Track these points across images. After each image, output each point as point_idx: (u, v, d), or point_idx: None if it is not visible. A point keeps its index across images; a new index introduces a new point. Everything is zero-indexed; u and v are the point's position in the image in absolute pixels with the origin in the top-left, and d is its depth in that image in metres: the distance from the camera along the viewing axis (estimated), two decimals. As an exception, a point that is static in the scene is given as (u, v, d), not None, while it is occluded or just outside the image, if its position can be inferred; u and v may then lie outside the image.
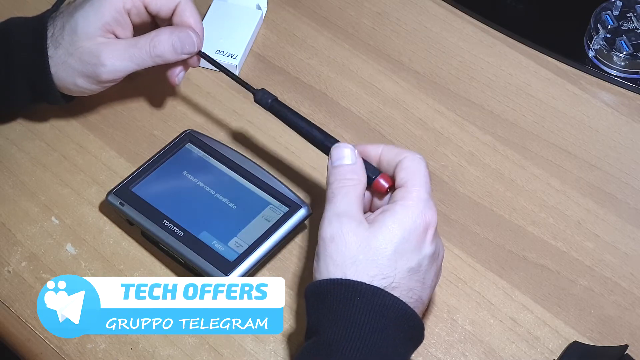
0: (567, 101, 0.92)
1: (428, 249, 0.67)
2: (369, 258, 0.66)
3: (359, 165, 0.70)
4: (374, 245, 0.66)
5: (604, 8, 0.94)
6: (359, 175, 0.70)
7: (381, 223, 0.67)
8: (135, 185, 0.82)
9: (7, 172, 0.86)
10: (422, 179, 0.68)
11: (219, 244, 0.78)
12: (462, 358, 0.76)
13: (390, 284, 0.66)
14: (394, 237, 0.66)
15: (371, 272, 0.66)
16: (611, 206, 0.84)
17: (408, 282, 0.66)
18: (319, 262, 0.67)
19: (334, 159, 0.71)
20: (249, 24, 0.96)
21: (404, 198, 0.67)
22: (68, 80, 0.82)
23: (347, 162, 0.70)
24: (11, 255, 0.81)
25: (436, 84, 0.93)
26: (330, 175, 0.70)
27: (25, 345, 0.77)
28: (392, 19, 0.99)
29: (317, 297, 0.67)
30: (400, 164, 0.69)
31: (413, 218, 0.67)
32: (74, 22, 0.81)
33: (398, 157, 0.70)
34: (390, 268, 0.66)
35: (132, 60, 0.82)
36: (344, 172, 0.70)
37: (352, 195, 0.69)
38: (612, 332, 0.77)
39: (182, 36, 0.82)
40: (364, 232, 0.67)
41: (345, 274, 0.66)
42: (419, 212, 0.67)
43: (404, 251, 0.66)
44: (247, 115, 0.90)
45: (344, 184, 0.69)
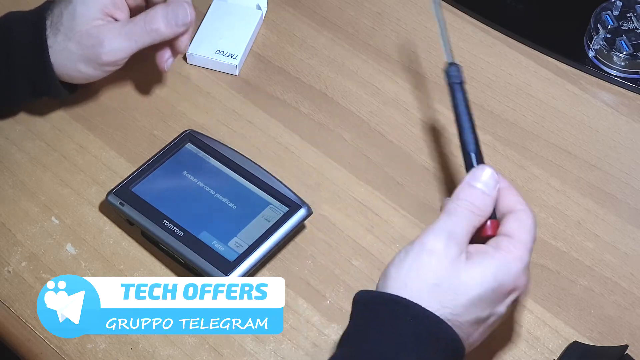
0: (567, 101, 0.92)
1: (502, 309, 0.66)
2: (450, 289, 0.64)
3: (492, 199, 0.68)
4: (461, 280, 0.64)
5: (604, 8, 0.94)
6: (487, 210, 0.68)
7: (478, 262, 0.65)
8: (135, 185, 0.82)
9: (7, 172, 0.86)
10: (531, 241, 0.67)
11: (219, 244, 0.78)
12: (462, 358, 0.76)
13: (454, 321, 0.64)
14: (484, 282, 0.64)
15: (443, 303, 0.64)
16: (611, 206, 0.84)
17: (469, 328, 0.65)
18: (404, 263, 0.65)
19: (476, 179, 0.68)
20: (249, 24, 0.96)
21: (508, 250, 0.66)
22: (69, 67, 0.82)
23: (485, 190, 0.68)
24: (11, 255, 0.81)
25: (436, 84, 0.93)
26: (462, 191, 0.68)
27: (25, 345, 0.77)
28: (392, 19, 0.99)
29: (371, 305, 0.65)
30: (515, 214, 0.68)
31: (508, 274, 0.65)
32: (72, 7, 0.82)
33: (516, 205, 0.68)
34: (464, 309, 0.64)
35: (129, 38, 0.82)
36: (478, 198, 0.68)
37: (471, 223, 0.67)
38: (612, 332, 0.77)
39: (175, 8, 0.84)
40: (460, 263, 0.65)
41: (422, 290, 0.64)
42: (517, 271, 0.66)
43: (483, 300, 0.65)
44: (247, 115, 0.90)
45: (471, 210, 0.67)
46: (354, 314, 0.66)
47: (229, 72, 0.93)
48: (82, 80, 0.85)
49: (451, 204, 0.67)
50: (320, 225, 0.83)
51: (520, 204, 0.69)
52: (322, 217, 0.83)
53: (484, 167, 0.69)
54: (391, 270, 0.66)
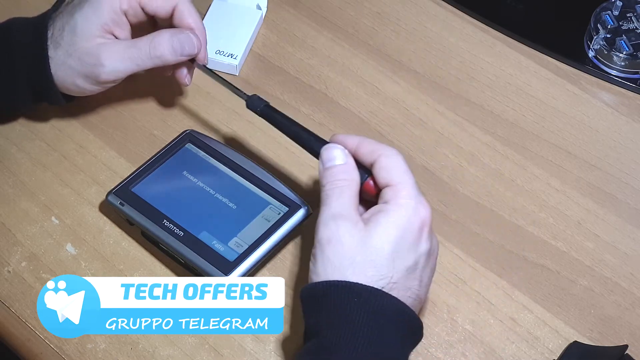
0: (567, 101, 0.92)
1: (424, 247, 0.68)
2: (366, 259, 0.66)
3: (350, 164, 0.70)
4: (371, 246, 0.66)
5: (604, 8, 0.94)
6: (352, 175, 0.70)
7: (376, 223, 0.67)
8: (135, 185, 0.82)
9: (7, 172, 0.86)
10: (405, 174, 0.68)
11: (219, 244, 0.78)
12: (462, 358, 0.76)
13: (388, 284, 0.66)
14: (390, 237, 0.66)
15: (369, 273, 0.65)
16: (611, 206, 0.84)
17: (405, 281, 0.66)
18: (316, 264, 0.67)
19: (325, 161, 0.71)
20: (249, 24, 0.96)
21: (395, 197, 0.67)
22: (68, 81, 0.82)
23: (339, 162, 0.70)
24: (11, 255, 0.81)
25: (436, 84, 0.93)
26: (323, 178, 0.70)
27: (25, 345, 0.77)
28: (392, 19, 0.99)
29: (315, 299, 0.67)
30: (378, 163, 0.69)
31: (407, 217, 0.67)
32: (73, 22, 0.81)
33: (374, 153, 0.69)
34: (388, 268, 0.66)
35: (131, 61, 0.82)
36: (336, 172, 0.70)
37: (346, 195, 0.68)
38: (612, 332, 0.77)
39: (182, 38, 0.83)
40: (360, 232, 0.66)
41: (344, 275, 0.65)
42: (412, 210, 0.67)
43: (400, 250, 0.66)
44: (247, 115, 0.90)
45: (337, 185, 0.69)
46: (304, 309, 0.68)
47: (229, 72, 0.93)
48: (79, 94, 0.84)
49: (321, 193, 0.70)
50: (320, 225, 0.83)
51: (377, 150, 0.70)
52: (322, 217, 0.83)
53: (327, 146, 0.71)
54: (311, 277, 0.68)
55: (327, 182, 0.69)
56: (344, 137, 0.71)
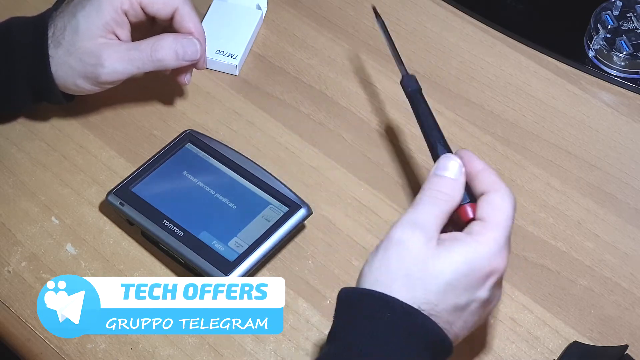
0: (567, 101, 0.92)
1: (483, 294, 0.65)
2: (421, 278, 0.63)
3: (459, 183, 0.67)
4: (432, 268, 0.64)
5: (604, 8, 0.94)
6: (455, 193, 0.67)
7: (448, 248, 0.64)
8: (135, 185, 0.82)
9: (7, 172, 0.86)
10: (506, 222, 0.66)
11: (219, 244, 0.78)
12: (462, 358, 0.76)
13: (430, 310, 0.64)
14: (453, 267, 0.64)
15: (417, 293, 0.63)
16: (611, 206, 0.84)
17: (449, 316, 0.64)
18: (375, 258, 0.65)
19: (438, 167, 0.68)
20: (249, 24, 0.96)
21: (480, 234, 0.65)
22: (68, 80, 0.82)
23: (450, 175, 0.67)
24: (11, 255, 0.81)
25: (436, 84, 0.93)
26: (427, 182, 0.67)
27: (25, 345, 0.77)
28: (392, 19, 0.99)
29: (349, 303, 0.65)
30: (489, 196, 0.67)
31: (481, 258, 0.64)
32: (75, 21, 0.81)
33: (491, 186, 0.67)
34: (437, 296, 0.63)
35: (132, 63, 0.82)
36: (442, 184, 0.67)
37: (438, 210, 0.66)
38: (612, 332, 0.77)
39: (185, 43, 0.83)
40: (429, 250, 0.64)
41: (393, 282, 0.64)
42: (490, 254, 0.64)
43: (458, 286, 0.64)
44: (247, 115, 0.90)
45: (436, 196, 0.66)
46: (337, 311, 0.66)
47: (229, 72, 0.93)
48: (78, 93, 0.84)
49: (418, 194, 0.67)
50: (320, 225, 0.83)
51: (494, 184, 0.67)
52: (322, 217, 0.83)
53: (447, 155, 0.69)
54: (364, 268, 0.66)
55: (428, 188, 0.67)
56: (470, 156, 0.69)
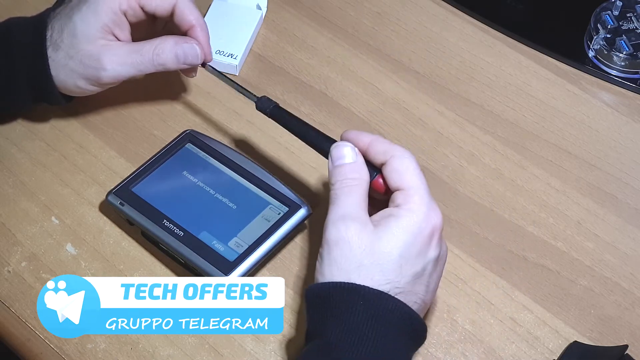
0: (567, 101, 0.92)
1: (433, 253, 0.67)
2: (373, 262, 0.65)
3: (360, 163, 0.69)
4: (379, 250, 0.65)
5: (604, 8, 0.94)
6: (361, 174, 0.69)
7: (386, 227, 0.66)
8: (135, 185, 0.82)
9: (7, 172, 0.86)
10: (418, 179, 0.67)
11: (219, 244, 0.78)
12: (462, 358, 0.76)
13: (394, 289, 0.65)
14: (399, 241, 0.65)
15: (376, 277, 0.65)
16: (611, 206, 0.84)
17: (412, 286, 0.66)
18: (323, 264, 0.67)
19: (335, 159, 0.70)
20: (249, 24, 0.96)
21: (406, 202, 0.66)
22: (69, 82, 0.82)
23: (348, 160, 0.69)
24: (11, 255, 0.81)
25: (436, 84, 0.93)
26: (332, 176, 0.69)
27: (25, 345, 0.77)
28: (392, 19, 0.99)
29: (320, 299, 0.66)
30: (390, 165, 0.68)
31: (418, 223, 0.66)
32: (72, 24, 0.81)
33: (386, 154, 0.69)
34: (395, 273, 0.65)
35: (133, 66, 0.82)
36: (346, 171, 0.69)
37: (355, 195, 0.68)
38: (612, 332, 0.77)
39: (186, 47, 0.83)
40: (369, 235, 0.66)
41: (350, 278, 0.65)
42: (424, 216, 0.66)
43: (409, 256, 0.66)
44: (247, 115, 0.90)
45: (347, 184, 0.68)
46: (308, 309, 0.67)
47: (229, 72, 0.93)
48: (79, 94, 0.84)
49: (330, 192, 0.69)
50: (320, 225, 0.83)
51: (389, 151, 0.69)
52: (322, 217, 0.83)
53: (336, 144, 0.70)
54: (317, 277, 0.67)
55: (336, 181, 0.69)
56: (356, 134, 0.71)
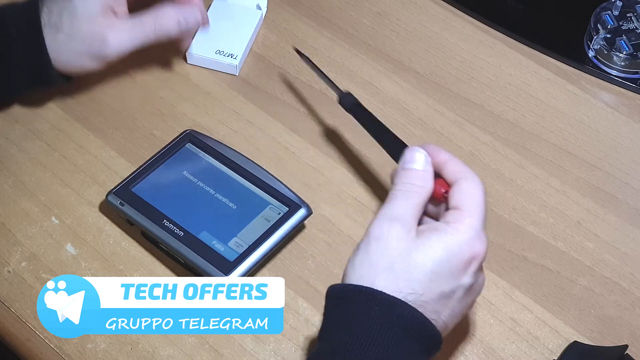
0: (567, 101, 0.92)
1: (467, 280, 0.66)
2: (404, 269, 0.64)
3: (428, 172, 0.68)
4: (413, 258, 0.64)
5: (604, 8, 0.94)
6: (426, 183, 0.68)
7: (427, 239, 0.65)
8: (135, 185, 0.82)
9: (7, 172, 0.86)
10: (479, 207, 0.66)
11: (219, 244, 0.78)
12: (462, 358, 0.76)
13: (416, 300, 0.64)
14: (435, 256, 0.64)
15: (401, 284, 0.64)
16: (611, 206, 0.84)
17: (435, 304, 0.65)
18: (357, 257, 0.66)
19: (405, 161, 0.69)
20: (249, 24, 0.96)
21: (457, 221, 0.66)
22: (72, 63, 0.84)
23: (418, 167, 0.68)
24: (11, 255, 0.81)
25: (436, 84, 0.93)
26: (397, 177, 0.69)
27: (25, 345, 0.77)
28: (392, 19, 0.99)
29: (338, 300, 0.66)
30: (458, 185, 0.67)
31: (460, 244, 0.65)
32: (72, 6, 0.82)
33: (459, 174, 0.68)
34: (422, 285, 0.64)
35: (137, 39, 0.84)
36: (412, 176, 0.68)
37: (412, 201, 0.67)
38: (612, 332, 0.77)
39: (186, 13, 0.85)
40: (408, 242, 0.65)
41: (377, 277, 0.64)
42: (468, 239, 0.65)
43: (441, 273, 0.64)
44: (247, 115, 0.90)
45: (408, 189, 0.67)
46: (326, 308, 0.67)
47: (229, 72, 0.93)
48: (83, 73, 0.86)
49: (390, 190, 0.68)
50: (320, 225, 0.83)
51: (462, 172, 0.68)
52: (322, 217, 0.83)
53: (411, 148, 0.70)
54: (347, 268, 0.67)
55: (399, 182, 0.68)
56: (435, 149, 0.70)
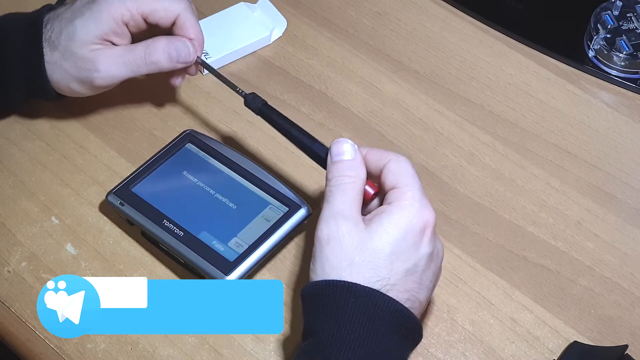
0: (567, 101, 0.92)
1: (425, 249, 0.67)
2: (364, 259, 0.65)
3: (358, 160, 0.69)
4: (370, 247, 0.66)
5: (604, 8, 0.94)
6: (358, 172, 0.69)
7: (377, 224, 0.66)
8: (135, 185, 0.82)
9: (7, 172, 0.86)
10: (412, 179, 0.68)
11: (219, 244, 0.78)
12: (462, 358, 0.76)
13: (385, 285, 0.65)
14: (390, 237, 0.66)
15: (367, 274, 0.65)
16: (611, 206, 0.84)
17: (404, 283, 0.66)
18: (315, 263, 0.67)
19: (334, 154, 0.70)
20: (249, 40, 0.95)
21: (399, 199, 0.67)
22: (62, 83, 0.83)
23: (347, 157, 0.69)
24: (11, 255, 0.81)
25: (436, 84, 0.93)
26: (329, 172, 0.70)
27: (25, 345, 0.77)
28: (392, 19, 0.99)
29: (312, 298, 0.66)
30: (387, 168, 0.69)
31: (409, 218, 0.66)
32: (72, 28, 0.81)
33: (382, 160, 0.69)
34: (386, 269, 0.65)
35: (126, 67, 0.82)
36: (343, 167, 0.69)
37: (350, 193, 0.68)
38: (612, 332, 0.77)
39: (178, 45, 0.83)
40: (360, 233, 0.66)
41: (341, 275, 0.65)
42: (415, 211, 0.66)
43: (400, 252, 0.66)
44: (247, 115, 0.90)
45: (343, 181, 0.68)
46: (304, 308, 0.68)
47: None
48: (72, 95, 0.85)
49: (326, 188, 0.69)
50: (320, 225, 0.83)
51: (385, 155, 0.69)
52: (322, 217, 0.83)
53: (337, 140, 0.70)
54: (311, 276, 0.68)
55: (332, 177, 0.69)
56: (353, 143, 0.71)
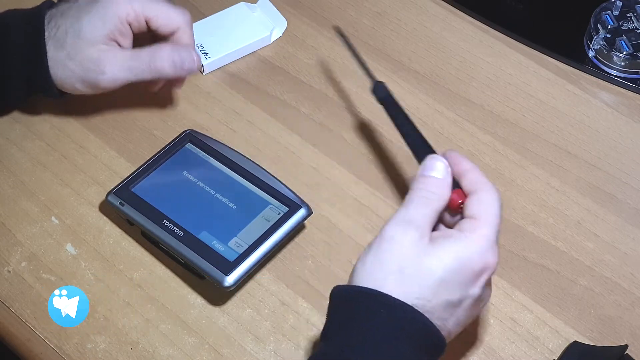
0: (567, 101, 0.92)
1: (475, 291, 0.66)
2: (414, 274, 0.64)
3: (447, 182, 0.68)
4: (425, 264, 0.64)
5: (604, 8, 0.94)
6: (444, 192, 0.68)
7: (440, 246, 0.65)
8: (135, 185, 0.82)
9: (7, 172, 0.86)
10: (495, 218, 0.67)
11: (219, 244, 0.78)
12: (462, 358, 0.76)
13: (424, 306, 0.64)
14: (446, 264, 0.64)
15: (409, 289, 0.64)
16: (611, 206, 0.84)
17: (442, 312, 0.65)
18: (368, 255, 0.66)
19: (425, 168, 0.69)
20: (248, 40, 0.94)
21: (473, 230, 0.66)
22: (66, 82, 0.83)
23: (437, 175, 0.69)
24: (11, 255, 0.81)
25: (436, 84, 0.93)
26: (416, 182, 0.69)
27: (25, 345, 0.77)
28: (392, 19, 0.99)
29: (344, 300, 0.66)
30: (477, 195, 0.68)
31: (473, 254, 0.65)
32: (78, 26, 0.81)
33: (478, 185, 0.68)
34: (430, 292, 0.64)
35: (131, 71, 0.83)
36: (430, 183, 0.68)
37: (429, 208, 0.67)
38: (612, 332, 0.77)
39: (183, 54, 0.84)
40: (421, 247, 0.65)
41: (386, 279, 0.64)
42: (481, 250, 0.65)
43: (450, 282, 0.65)
44: (247, 115, 0.90)
45: (426, 195, 0.67)
46: (330, 308, 0.67)
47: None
48: (75, 93, 0.85)
49: (408, 194, 0.68)
50: (320, 225, 0.83)
51: (481, 183, 0.68)
52: (322, 217, 0.83)
53: (433, 156, 0.70)
54: (357, 266, 0.67)
55: (417, 187, 0.68)
56: (457, 156, 0.70)
